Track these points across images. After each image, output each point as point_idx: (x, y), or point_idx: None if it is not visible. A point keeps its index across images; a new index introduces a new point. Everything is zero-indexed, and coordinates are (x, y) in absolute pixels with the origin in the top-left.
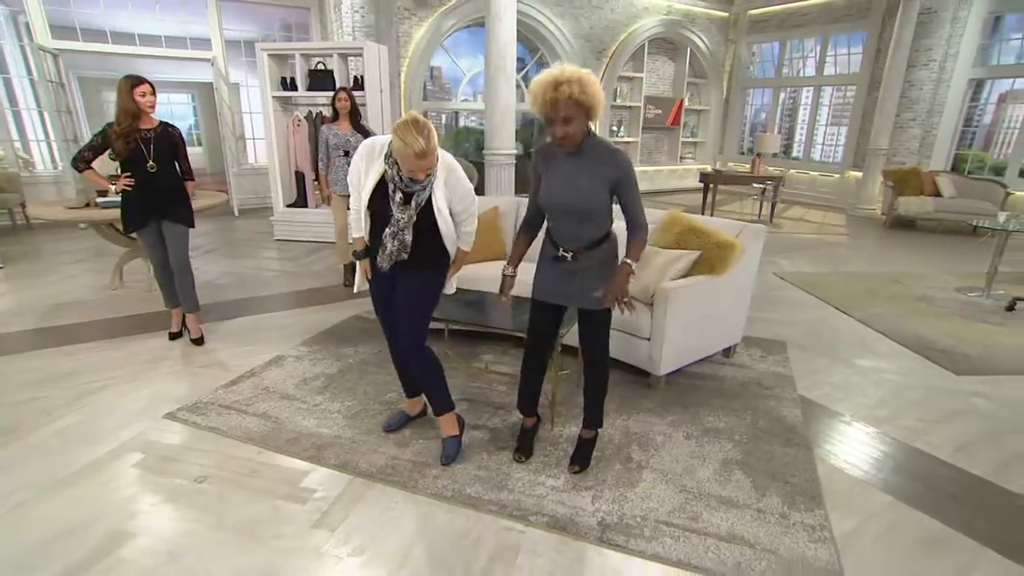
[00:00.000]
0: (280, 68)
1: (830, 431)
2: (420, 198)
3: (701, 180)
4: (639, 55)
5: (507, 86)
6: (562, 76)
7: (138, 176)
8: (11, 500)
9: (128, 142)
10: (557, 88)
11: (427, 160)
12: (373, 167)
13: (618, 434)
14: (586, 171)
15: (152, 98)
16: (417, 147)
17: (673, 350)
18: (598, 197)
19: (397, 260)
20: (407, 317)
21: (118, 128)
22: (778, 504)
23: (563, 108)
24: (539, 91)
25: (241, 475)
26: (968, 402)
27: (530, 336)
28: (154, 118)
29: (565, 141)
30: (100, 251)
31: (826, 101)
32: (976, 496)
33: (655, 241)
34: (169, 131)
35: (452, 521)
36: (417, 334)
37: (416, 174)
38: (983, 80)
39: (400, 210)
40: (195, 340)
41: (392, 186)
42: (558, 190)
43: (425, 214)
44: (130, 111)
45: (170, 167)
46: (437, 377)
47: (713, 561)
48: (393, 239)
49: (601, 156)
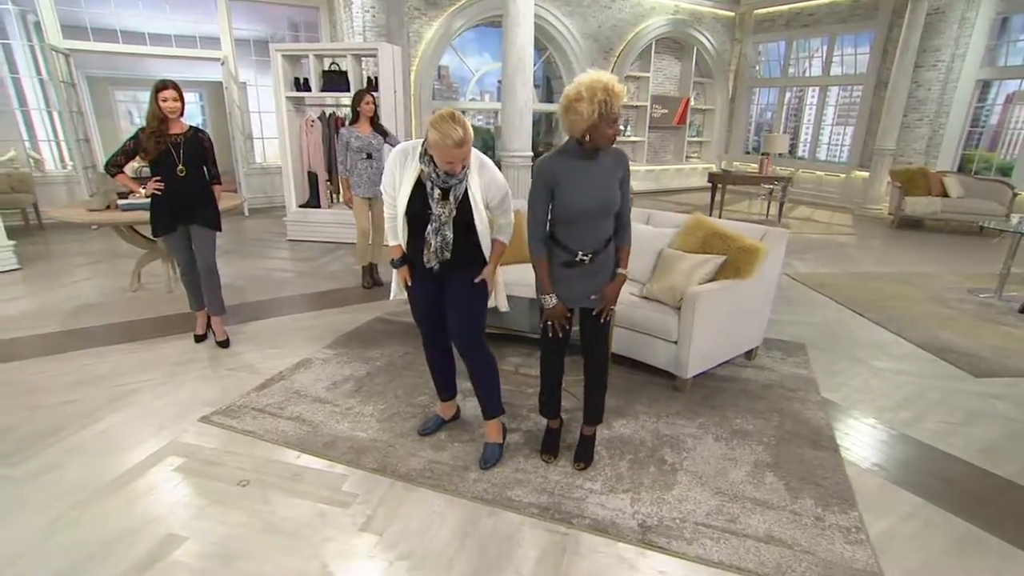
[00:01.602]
0: (293, 68)
1: (856, 433)
2: (457, 191)
3: (709, 180)
4: (646, 54)
5: (524, 88)
6: (611, 79)
7: (167, 180)
8: (70, 498)
9: (158, 142)
10: (610, 91)
11: (464, 149)
12: (408, 170)
13: (649, 436)
14: (607, 171)
15: (175, 104)
16: (456, 135)
17: (700, 353)
18: (617, 192)
19: (441, 259)
20: (465, 317)
21: (147, 130)
22: (812, 506)
23: (617, 108)
24: (589, 94)
25: (283, 479)
26: (988, 404)
27: (545, 340)
28: (184, 123)
29: (614, 140)
30: (114, 252)
31: (832, 101)
32: (1003, 498)
33: (679, 245)
34: (199, 136)
35: (496, 524)
36: (477, 330)
37: (454, 166)
38: (990, 81)
39: (440, 205)
40: (220, 343)
41: (430, 184)
42: (588, 194)
43: (463, 209)
44: (156, 115)
45: (199, 172)
46: (493, 380)
47: (754, 562)
48: (436, 235)
49: (612, 156)
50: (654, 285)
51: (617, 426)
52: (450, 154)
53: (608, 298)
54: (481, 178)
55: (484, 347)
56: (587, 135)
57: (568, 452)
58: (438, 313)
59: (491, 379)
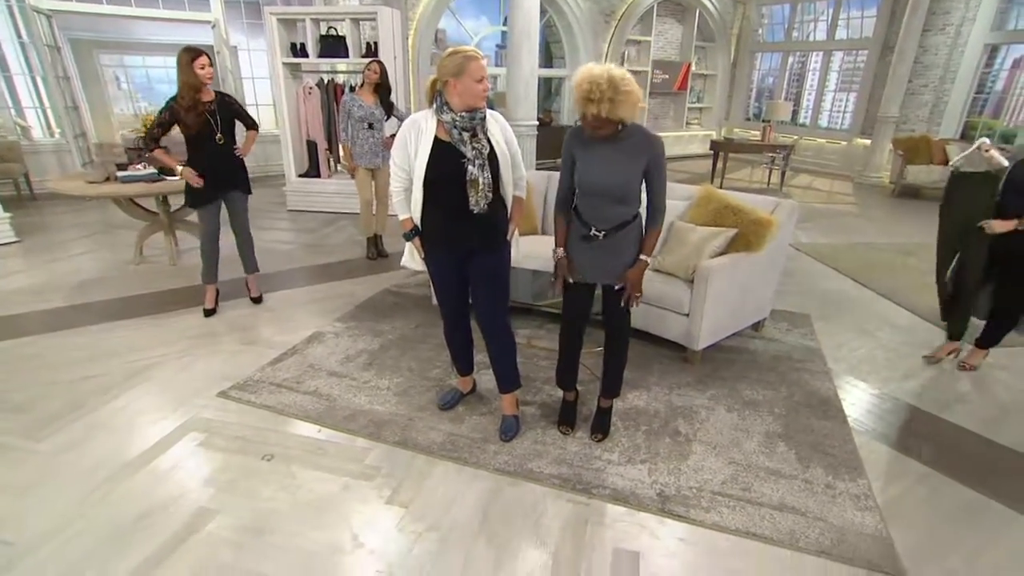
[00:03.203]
0: (289, 33)
1: (862, 403)
2: (483, 127)
3: (712, 148)
4: (647, 18)
5: (530, 55)
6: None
7: (207, 150)
8: (99, 474)
9: (199, 114)
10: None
11: (478, 64)
12: (423, 137)
13: (663, 408)
14: (624, 155)
15: (211, 69)
16: (470, 50)
17: (711, 325)
18: (634, 180)
19: (488, 201)
20: (491, 298)
21: (183, 102)
22: (823, 474)
23: (599, 93)
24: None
25: (306, 452)
26: (990, 375)
27: (565, 312)
28: (210, 90)
29: (594, 126)
30: (109, 224)
31: (836, 66)
32: (1005, 465)
33: (690, 217)
34: (226, 100)
35: (519, 495)
36: (503, 310)
37: (476, 88)
38: (998, 45)
39: (473, 144)
40: (255, 299)
41: (457, 131)
42: (597, 173)
43: (490, 155)
44: (192, 84)
45: (233, 137)
46: (513, 356)
47: (769, 529)
48: (482, 171)
49: (639, 141)
50: (665, 258)
51: (631, 398)
52: (477, 71)
53: (632, 284)
54: (499, 127)
55: (508, 326)
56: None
57: (584, 424)
58: (462, 293)
59: (510, 353)
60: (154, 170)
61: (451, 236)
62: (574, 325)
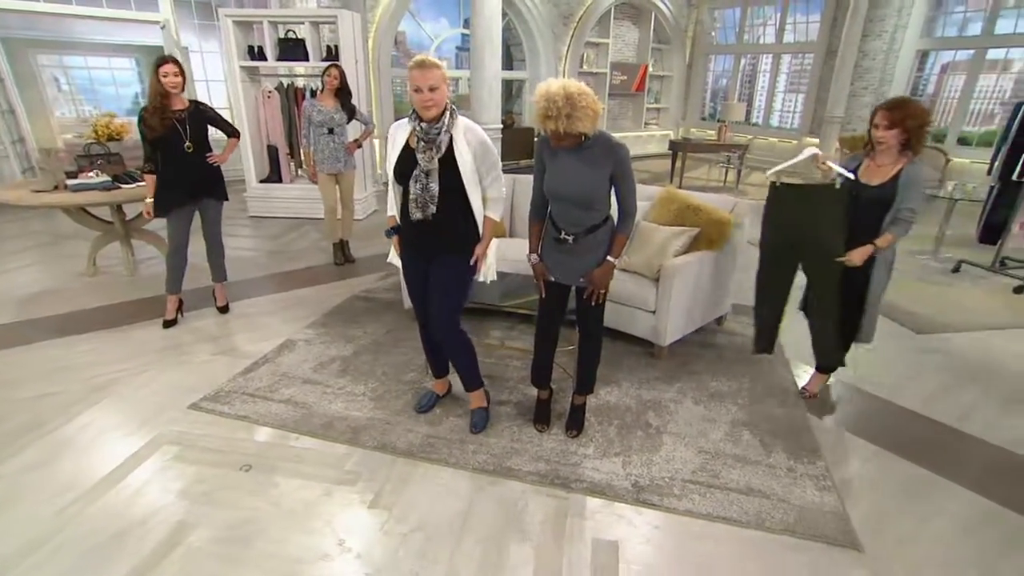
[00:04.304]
0: (245, 36)
1: (819, 391)
2: (439, 142)
3: (670, 148)
4: (605, 20)
5: (493, 60)
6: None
7: (176, 157)
8: (70, 493)
9: (163, 119)
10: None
11: (430, 74)
12: (399, 137)
13: (633, 403)
14: (589, 164)
15: (176, 79)
16: (417, 58)
17: (676, 322)
18: (599, 187)
19: (427, 214)
20: (440, 303)
21: (149, 105)
22: (785, 459)
23: (555, 109)
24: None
25: (285, 461)
26: (929, 359)
27: (541, 313)
28: (184, 98)
29: (560, 143)
30: (57, 234)
31: (785, 68)
32: (944, 441)
33: (653, 218)
34: (201, 109)
35: (500, 493)
36: (450, 319)
37: (423, 98)
38: (928, 51)
39: (422, 150)
40: (222, 308)
41: (416, 139)
42: (563, 182)
43: (450, 167)
44: (157, 90)
45: (206, 146)
46: (468, 358)
47: (737, 512)
48: (415, 182)
49: (603, 150)
50: (631, 257)
51: (603, 394)
52: (417, 79)
53: (595, 282)
54: (468, 142)
55: (456, 331)
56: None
57: (559, 421)
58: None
59: (466, 355)
60: (108, 177)
61: (412, 238)
62: (549, 324)
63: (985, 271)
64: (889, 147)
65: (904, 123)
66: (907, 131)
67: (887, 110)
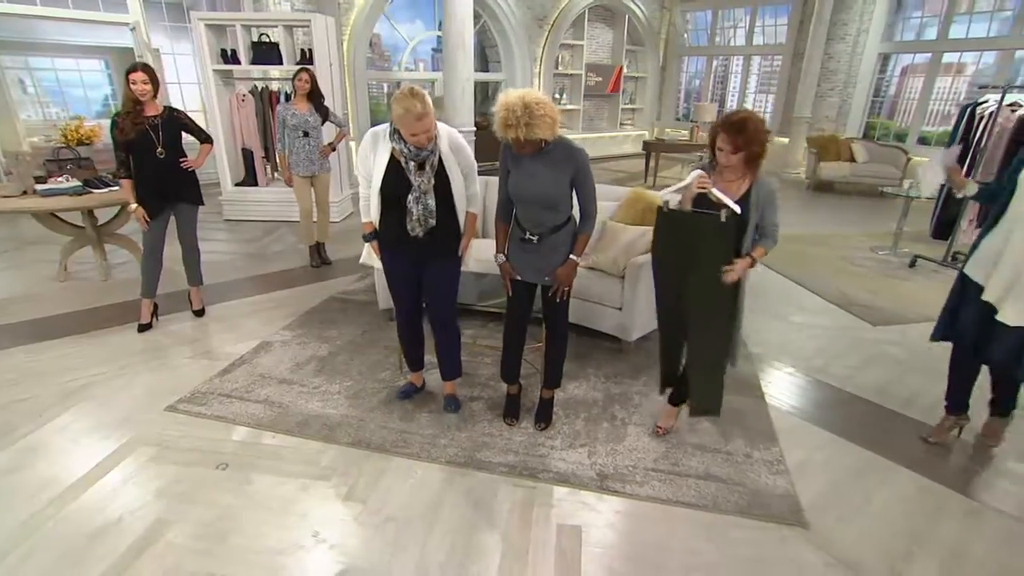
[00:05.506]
0: (218, 39)
1: (777, 381)
2: (432, 161)
3: (644, 148)
4: (580, 22)
5: (466, 62)
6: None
7: (149, 163)
8: (43, 495)
9: (136, 123)
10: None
11: (426, 121)
12: (380, 151)
13: (601, 396)
14: (549, 169)
15: (144, 87)
16: (416, 109)
17: (642, 318)
18: (560, 190)
19: (427, 228)
20: (442, 299)
21: (123, 111)
22: (742, 446)
23: (514, 118)
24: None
25: (261, 459)
26: (883, 350)
27: (509, 311)
28: (158, 104)
29: (522, 150)
30: (23, 239)
31: (755, 70)
32: (890, 426)
33: (620, 218)
34: (175, 115)
35: (470, 484)
36: (452, 311)
37: (419, 139)
38: (889, 54)
39: (418, 175)
40: (197, 312)
41: (403, 160)
42: (526, 185)
43: (440, 178)
44: (130, 97)
45: (179, 152)
46: (458, 345)
47: (695, 496)
48: (417, 204)
49: (563, 155)
50: (599, 256)
51: (571, 388)
52: (413, 127)
53: (559, 280)
54: (452, 148)
55: (455, 321)
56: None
57: (528, 415)
58: (415, 293)
59: (455, 346)
60: (79, 182)
61: (404, 243)
62: (517, 322)
63: (938, 265)
64: (734, 167)
65: (749, 148)
66: (750, 157)
67: (729, 134)
